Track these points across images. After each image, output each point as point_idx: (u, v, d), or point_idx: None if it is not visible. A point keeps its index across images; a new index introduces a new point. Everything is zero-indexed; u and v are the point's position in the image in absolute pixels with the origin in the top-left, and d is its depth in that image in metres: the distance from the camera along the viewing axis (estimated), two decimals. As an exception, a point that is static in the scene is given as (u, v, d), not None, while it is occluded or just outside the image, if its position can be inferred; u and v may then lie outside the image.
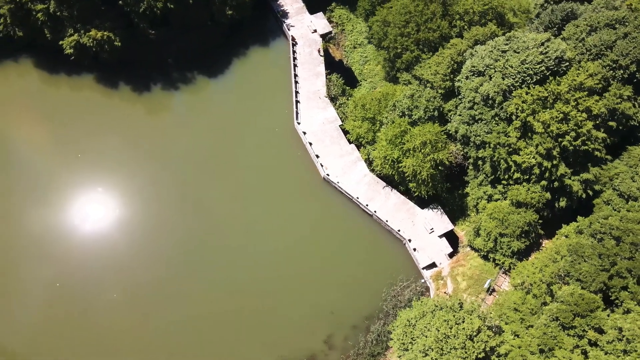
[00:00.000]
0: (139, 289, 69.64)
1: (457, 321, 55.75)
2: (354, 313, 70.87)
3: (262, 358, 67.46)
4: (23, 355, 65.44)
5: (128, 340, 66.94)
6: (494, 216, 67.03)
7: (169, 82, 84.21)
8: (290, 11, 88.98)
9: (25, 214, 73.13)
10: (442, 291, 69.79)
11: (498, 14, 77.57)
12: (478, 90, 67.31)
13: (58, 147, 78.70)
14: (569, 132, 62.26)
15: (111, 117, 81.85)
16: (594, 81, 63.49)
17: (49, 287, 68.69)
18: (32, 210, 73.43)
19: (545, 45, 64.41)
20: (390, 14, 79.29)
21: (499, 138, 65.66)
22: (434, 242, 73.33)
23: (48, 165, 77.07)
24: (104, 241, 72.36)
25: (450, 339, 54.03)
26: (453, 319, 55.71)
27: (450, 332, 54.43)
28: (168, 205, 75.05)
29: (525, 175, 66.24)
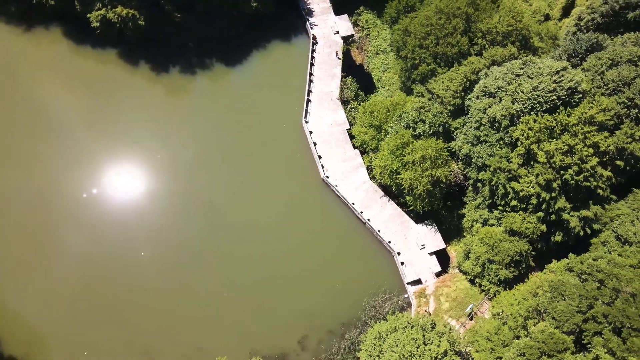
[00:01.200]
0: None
1: (425, 341, 54.97)
2: (332, 318, 70.58)
3: (235, 348, 67.67)
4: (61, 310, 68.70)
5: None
6: (485, 241, 65.67)
7: (187, 66, 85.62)
8: (315, 10, 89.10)
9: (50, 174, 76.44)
10: (424, 309, 68.80)
11: (523, 36, 75.74)
12: (486, 111, 66.07)
13: (86, 115, 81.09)
14: (572, 166, 60.35)
15: (133, 92, 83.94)
16: (606, 117, 61.36)
17: (85, 246, 71.90)
18: (56, 171, 76.62)
19: (560, 74, 62.59)
20: (412, 24, 78.42)
21: (500, 162, 64.26)
22: (423, 258, 72.31)
23: (76, 130, 79.62)
24: (120, 204, 75.48)
25: (414, 359, 53.30)
26: (421, 339, 54.92)
27: (416, 352, 53.70)
28: (177, 183, 76.99)
29: (523, 204, 64.62)
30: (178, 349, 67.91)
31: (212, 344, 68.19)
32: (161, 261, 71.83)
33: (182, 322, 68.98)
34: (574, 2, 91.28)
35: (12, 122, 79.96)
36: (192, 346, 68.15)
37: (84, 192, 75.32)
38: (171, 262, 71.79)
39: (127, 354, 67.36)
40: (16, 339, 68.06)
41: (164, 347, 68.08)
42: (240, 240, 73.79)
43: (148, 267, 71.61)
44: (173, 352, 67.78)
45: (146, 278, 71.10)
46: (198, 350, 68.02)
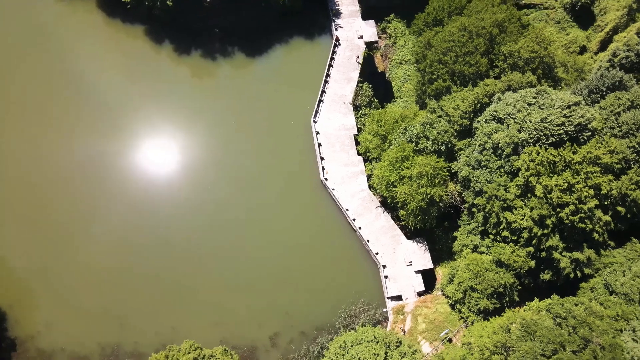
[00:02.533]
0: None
1: (387, 358, 54.22)
2: (307, 320, 70.46)
3: (207, 334, 68.33)
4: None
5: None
6: (471, 268, 64.13)
7: (209, 51, 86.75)
8: (343, 12, 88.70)
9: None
10: (399, 326, 67.79)
11: (546, 65, 73.48)
12: (491, 136, 64.44)
13: (110, 85, 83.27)
14: (569, 205, 58.19)
15: (158, 70, 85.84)
16: (613, 159, 58.86)
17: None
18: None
19: (572, 108, 60.45)
20: (435, 38, 77.13)
21: (497, 190, 62.60)
22: (408, 275, 71.22)
23: (97, 96, 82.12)
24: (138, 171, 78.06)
25: (372, 374, 52.73)
26: (383, 355, 54.28)
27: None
28: (180, 165, 79.06)
29: (514, 236, 62.82)
30: (152, 326, 69.18)
31: (185, 327, 69.13)
32: (153, 241, 73.25)
33: (161, 302, 70.26)
34: (612, 37, 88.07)
35: (44, 83, 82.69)
36: (167, 325, 69.27)
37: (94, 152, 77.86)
38: (162, 244, 72.99)
39: (103, 320, 69.01)
40: (6, 288, 70.75)
41: (139, 322, 69.48)
42: (230, 230, 74.49)
43: (141, 244, 73.02)
44: (147, 327, 69.04)
45: (136, 255, 72.48)
46: (171, 329, 69.08)
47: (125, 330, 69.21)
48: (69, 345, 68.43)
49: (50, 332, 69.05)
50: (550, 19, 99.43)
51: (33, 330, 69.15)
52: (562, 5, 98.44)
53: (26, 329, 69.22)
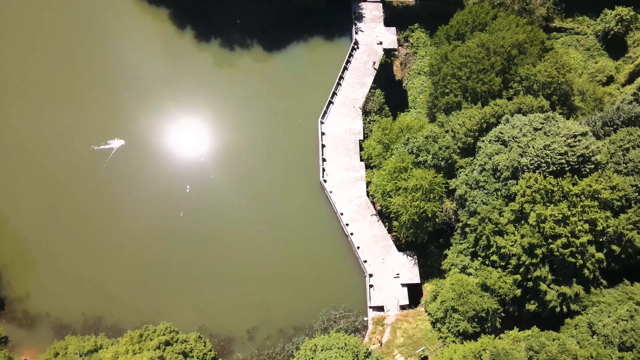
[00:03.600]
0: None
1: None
2: (287, 318, 70.48)
3: (187, 319, 68.95)
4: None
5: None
6: (455, 288, 63.08)
7: (228, 41, 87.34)
8: (366, 16, 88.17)
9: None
10: (377, 337, 67.14)
11: (563, 92, 71.48)
12: (492, 157, 63.14)
13: (133, 65, 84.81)
14: (561, 237, 56.54)
15: (182, 55, 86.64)
16: (614, 196, 56.91)
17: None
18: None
19: (577, 138, 58.66)
20: (453, 52, 75.93)
21: (491, 213, 61.36)
22: (394, 287, 70.47)
23: (119, 77, 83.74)
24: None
25: (335, 381, 52.44)
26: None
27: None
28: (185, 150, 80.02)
29: (502, 261, 61.45)
30: (136, 304, 70.27)
31: (167, 309, 70.06)
32: (150, 225, 74.30)
33: (148, 282, 71.26)
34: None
35: (70, 59, 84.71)
36: (150, 306, 70.28)
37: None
38: (158, 229, 74.00)
39: (90, 292, 70.49)
40: (4, 248, 73.07)
41: (124, 298, 70.62)
42: (224, 219, 75.04)
43: (139, 226, 74.23)
44: (131, 305, 70.21)
45: (132, 235, 73.67)
46: (154, 310, 70.07)
47: (110, 304, 70.54)
48: (54, 312, 70.19)
49: (38, 296, 70.98)
50: (581, 45, 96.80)
51: (23, 292, 71.19)
52: (594, 33, 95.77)
53: (17, 290, 71.33)
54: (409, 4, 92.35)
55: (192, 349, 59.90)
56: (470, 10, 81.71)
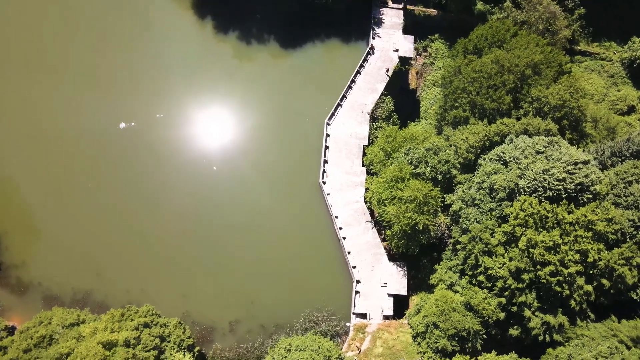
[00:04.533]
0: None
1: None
2: (270, 315, 70.81)
3: (172, 304, 70.02)
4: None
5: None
6: (438, 304, 62.29)
7: (245, 35, 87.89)
8: (385, 22, 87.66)
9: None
10: (356, 344, 66.79)
11: (574, 117, 69.79)
12: (490, 176, 62.12)
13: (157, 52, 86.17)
14: (550, 265, 55.28)
15: (202, 43, 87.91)
16: (609, 229, 55.33)
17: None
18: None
19: (578, 166, 57.25)
20: (467, 65, 74.91)
21: (482, 232, 60.36)
22: (380, 296, 70.02)
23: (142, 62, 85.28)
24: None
25: (302, 382, 52.45)
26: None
27: (307, 377, 52.79)
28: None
29: (489, 283, 60.35)
30: (125, 283, 71.73)
31: (154, 292, 71.23)
32: (149, 207, 75.68)
33: (140, 263, 72.58)
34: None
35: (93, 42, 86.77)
36: (138, 286, 71.64)
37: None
38: (156, 212, 75.30)
39: (83, 267, 72.17)
40: (8, 214, 75.33)
41: (114, 276, 72.12)
42: (221, 209, 75.78)
43: (139, 207, 75.71)
44: (120, 283, 71.62)
45: (131, 215, 75.18)
46: (141, 291, 71.38)
47: (100, 281, 72.08)
48: (47, 282, 72.09)
49: (34, 265, 73.00)
50: (605, 71, 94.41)
51: (19, 259, 73.30)
52: (620, 60, 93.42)
53: (14, 257, 73.49)
54: (431, 14, 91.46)
55: (170, 334, 60.58)
56: (491, 26, 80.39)
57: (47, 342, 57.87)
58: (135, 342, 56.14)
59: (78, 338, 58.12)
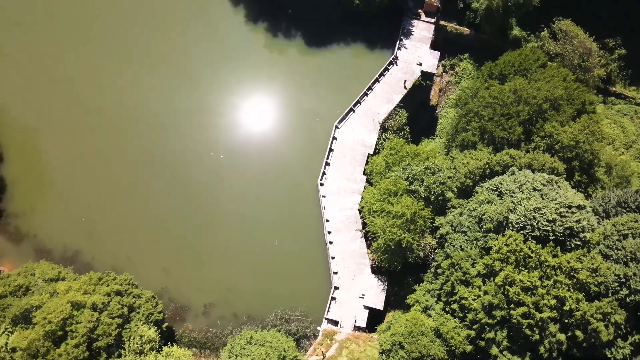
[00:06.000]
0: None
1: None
2: (244, 305, 71.55)
3: (153, 277, 71.66)
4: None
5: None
6: (408, 325, 61.16)
7: (274, 28, 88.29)
8: (414, 34, 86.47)
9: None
10: (322, 349, 66.50)
11: (586, 159, 66.94)
12: (482, 205, 60.52)
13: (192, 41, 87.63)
14: (523, 306, 53.48)
15: (234, 32, 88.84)
16: (592, 280, 52.96)
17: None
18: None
19: (572, 210, 55.05)
20: (485, 89, 73.08)
21: (463, 261, 58.92)
22: (356, 306, 69.48)
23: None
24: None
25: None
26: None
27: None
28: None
29: (461, 313, 58.92)
30: (113, 248, 73.99)
31: (139, 262, 73.17)
32: (154, 178, 77.87)
33: (131, 232, 74.61)
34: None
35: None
36: (124, 253, 73.68)
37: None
38: (162, 184, 77.33)
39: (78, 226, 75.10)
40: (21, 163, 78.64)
41: (105, 240, 74.47)
42: (218, 194, 76.96)
43: (146, 177, 78.20)
44: (108, 248, 73.97)
45: (137, 183, 77.60)
46: (126, 258, 73.49)
47: (91, 242, 74.55)
48: (41, 235, 75.10)
49: (33, 217, 76.18)
50: (638, 117, 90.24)
51: (21, 209, 76.59)
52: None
53: (16, 206, 76.84)
54: (464, 33, 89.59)
55: (140, 306, 61.87)
56: (520, 53, 77.94)
57: (23, 292, 60.23)
58: (103, 307, 57.62)
59: (52, 293, 60.17)
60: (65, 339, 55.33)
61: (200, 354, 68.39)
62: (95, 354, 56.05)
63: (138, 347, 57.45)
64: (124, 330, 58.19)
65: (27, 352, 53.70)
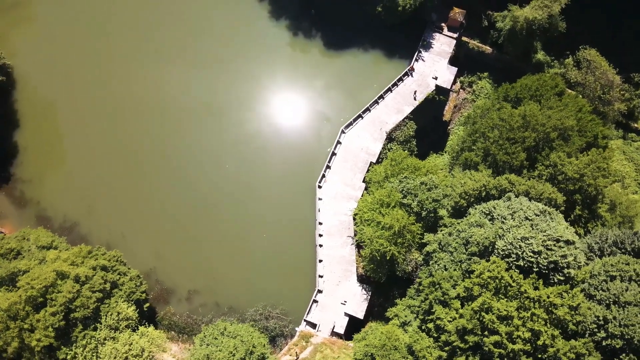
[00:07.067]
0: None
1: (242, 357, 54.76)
2: (227, 295, 72.38)
3: (144, 258, 73.24)
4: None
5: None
6: (382, 338, 60.84)
7: (294, 27, 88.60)
8: (434, 47, 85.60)
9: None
10: (296, 350, 66.68)
11: (589, 194, 65.16)
12: (472, 227, 59.64)
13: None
14: (496, 334, 52.48)
15: (258, 26, 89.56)
16: (570, 318, 51.62)
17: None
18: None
19: (559, 244, 53.72)
20: (496, 110, 71.88)
21: (444, 281, 58.18)
22: (336, 312, 69.41)
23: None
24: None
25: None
26: (237, 357, 54.57)
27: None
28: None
29: (436, 333, 58.19)
30: (109, 224, 75.92)
31: (132, 240, 74.94)
32: (158, 161, 79.69)
33: (128, 209, 76.31)
34: None
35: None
36: (119, 230, 75.34)
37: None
38: (167, 167, 79.11)
39: (80, 198, 77.47)
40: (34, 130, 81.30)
41: (103, 215, 76.42)
42: (218, 182, 78.07)
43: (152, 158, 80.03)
44: (105, 223, 75.90)
45: (143, 165, 79.59)
46: (120, 235, 75.18)
47: (90, 216, 76.58)
48: (44, 203, 77.64)
49: (39, 184, 78.85)
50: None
51: (28, 176, 79.35)
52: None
53: (24, 172, 79.61)
54: (485, 51, 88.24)
55: (123, 283, 63.23)
56: (539, 78, 76.37)
57: (14, 256, 62.26)
58: (85, 280, 59.10)
59: (42, 260, 62.06)
60: (45, 306, 56.95)
61: (178, 337, 69.44)
62: (72, 324, 57.51)
63: (114, 323, 58.78)
64: (103, 305, 59.56)
65: (7, 313, 55.54)
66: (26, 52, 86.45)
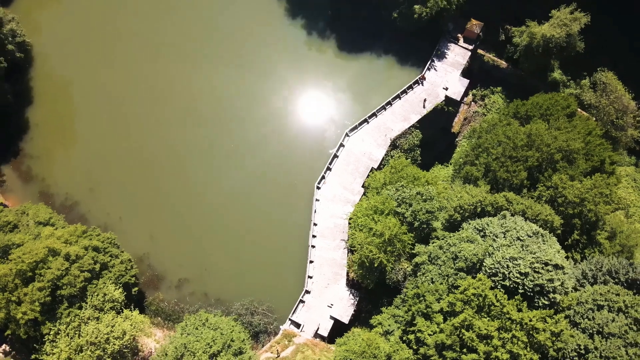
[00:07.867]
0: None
1: (215, 354, 55.13)
2: (216, 287, 72.76)
3: (138, 242, 73.97)
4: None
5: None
6: (362, 344, 60.44)
7: (310, 26, 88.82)
8: (448, 57, 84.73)
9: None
10: (277, 348, 66.73)
11: (589, 220, 63.74)
12: (462, 242, 58.89)
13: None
14: (474, 352, 51.77)
15: (274, 28, 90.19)
16: (550, 343, 50.56)
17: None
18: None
19: (547, 267, 52.67)
20: (503, 126, 70.80)
21: (429, 294, 57.58)
22: (322, 314, 69.26)
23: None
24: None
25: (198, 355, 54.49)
26: (214, 350, 55.07)
27: (206, 350, 54.73)
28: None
29: (416, 345, 57.64)
30: (108, 206, 77.01)
31: (128, 224, 75.95)
32: (164, 150, 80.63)
33: (128, 194, 77.38)
34: None
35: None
36: (117, 213, 76.42)
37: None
38: (165, 155, 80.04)
39: (83, 178, 78.78)
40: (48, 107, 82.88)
41: (102, 197, 77.79)
42: (217, 174, 78.71)
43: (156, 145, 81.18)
44: (104, 205, 77.12)
45: (146, 151, 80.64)
46: (118, 218, 76.12)
47: (90, 196, 77.85)
48: (48, 180, 79.14)
49: (46, 161, 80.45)
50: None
51: (37, 152, 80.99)
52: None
53: (33, 148, 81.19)
54: (501, 66, 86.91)
55: (114, 265, 64.10)
56: (551, 97, 74.92)
57: (10, 229, 63.64)
58: (76, 258, 60.08)
59: (37, 236, 63.30)
60: (34, 280, 58.12)
61: (163, 324, 70.17)
62: (58, 301, 58.56)
63: (99, 304, 59.62)
64: (91, 285, 60.46)
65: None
66: (48, 32, 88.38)
